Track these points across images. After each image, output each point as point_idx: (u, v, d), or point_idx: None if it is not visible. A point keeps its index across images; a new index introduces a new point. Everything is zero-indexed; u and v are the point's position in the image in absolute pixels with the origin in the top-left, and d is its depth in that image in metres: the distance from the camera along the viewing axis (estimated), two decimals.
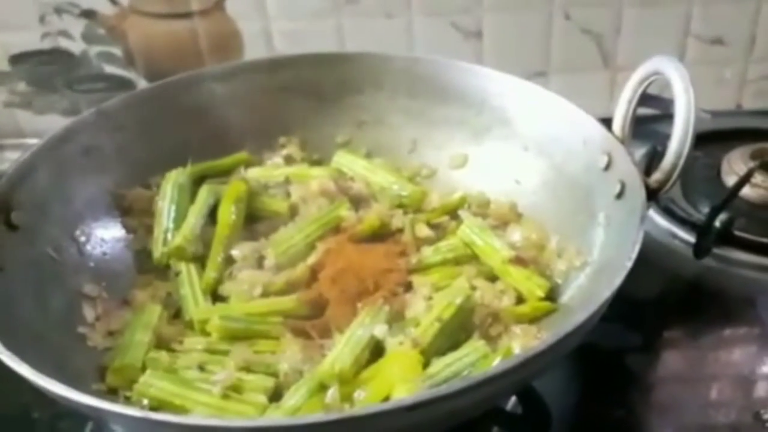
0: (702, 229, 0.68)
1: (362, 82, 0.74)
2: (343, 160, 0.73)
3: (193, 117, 0.71)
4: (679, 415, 0.58)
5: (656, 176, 0.56)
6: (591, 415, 0.59)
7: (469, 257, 0.64)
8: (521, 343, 0.54)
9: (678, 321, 0.65)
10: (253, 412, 0.51)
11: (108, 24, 0.91)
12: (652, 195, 0.56)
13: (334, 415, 0.40)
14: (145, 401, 0.52)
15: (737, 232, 0.69)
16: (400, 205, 0.69)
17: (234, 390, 0.52)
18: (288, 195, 0.70)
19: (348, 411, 0.42)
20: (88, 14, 0.90)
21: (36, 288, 0.56)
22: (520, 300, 0.60)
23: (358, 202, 0.70)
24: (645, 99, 0.63)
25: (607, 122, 0.63)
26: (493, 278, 0.62)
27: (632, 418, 0.58)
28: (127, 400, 0.53)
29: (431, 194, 0.71)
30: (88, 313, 0.59)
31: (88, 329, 0.58)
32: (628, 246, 0.49)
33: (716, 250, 0.68)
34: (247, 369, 0.54)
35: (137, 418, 0.41)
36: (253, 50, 0.92)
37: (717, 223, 0.68)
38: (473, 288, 0.59)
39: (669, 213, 0.73)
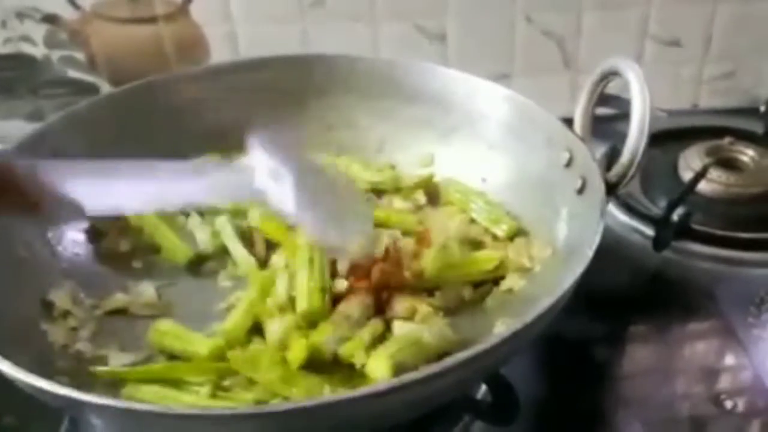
0: (660, 223, 0.70)
1: (329, 84, 0.75)
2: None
3: (162, 120, 0.71)
4: (643, 403, 0.59)
5: (615, 171, 0.58)
6: (559, 403, 0.60)
7: None
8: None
9: (640, 311, 0.67)
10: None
11: (70, 29, 0.90)
12: (612, 189, 0.58)
13: (306, 403, 0.41)
14: None
15: (694, 225, 0.71)
16: (376, 190, 0.71)
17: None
18: None
19: (318, 398, 0.43)
20: (50, 19, 0.89)
21: (8, 288, 0.56)
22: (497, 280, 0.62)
23: None
24: (605, 99, 0.65)
25: (569, 122, 0.64)
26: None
27: (597, 406, 0.60)
28: None
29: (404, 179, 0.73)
30: (60, 313, 0.59)
31: (61, 329, 0.58)
32: (590, 236, 0.51)
33: (675, 243, 0.71)
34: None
35: (123, 410, 0.41)
36: (219, 55, 0.92)
37: (675, 217, 0.70)
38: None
39: (629, 208, 0.75)
